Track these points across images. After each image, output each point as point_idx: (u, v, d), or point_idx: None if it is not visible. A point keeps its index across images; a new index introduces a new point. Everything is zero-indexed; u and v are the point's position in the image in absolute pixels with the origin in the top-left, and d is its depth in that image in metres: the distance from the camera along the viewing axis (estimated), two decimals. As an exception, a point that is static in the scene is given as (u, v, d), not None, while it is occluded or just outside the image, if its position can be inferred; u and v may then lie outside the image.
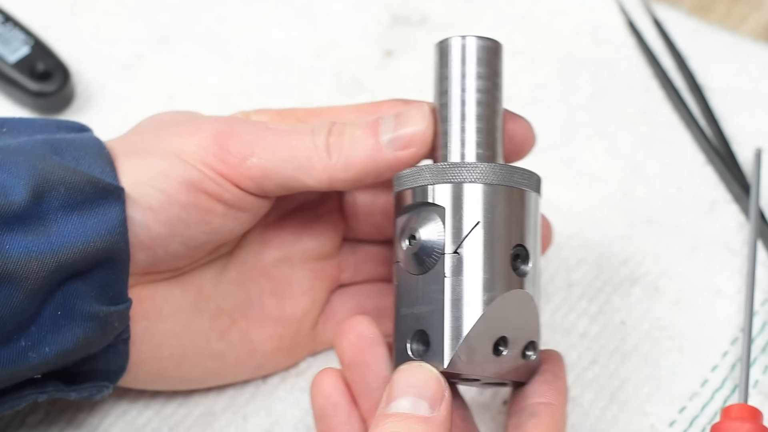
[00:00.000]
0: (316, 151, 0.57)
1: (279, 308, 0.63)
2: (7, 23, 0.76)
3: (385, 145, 0.57)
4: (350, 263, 0.65)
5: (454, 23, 0.80)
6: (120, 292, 0.57)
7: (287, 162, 0.57)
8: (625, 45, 0.79)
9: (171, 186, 0.57)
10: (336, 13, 0.81)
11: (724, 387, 0.65)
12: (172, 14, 0.81)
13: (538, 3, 0.81)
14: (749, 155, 0.73)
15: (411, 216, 0.56)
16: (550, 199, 0.72)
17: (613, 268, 0.69)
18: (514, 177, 0.56)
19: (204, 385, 0.64)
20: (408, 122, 0.57)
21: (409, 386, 0.53)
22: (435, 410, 0.53)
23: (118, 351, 0.58)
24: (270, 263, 0.63)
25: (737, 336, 0.67)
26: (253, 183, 0.57)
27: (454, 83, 0.57)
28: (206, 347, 0.62)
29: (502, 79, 0.58)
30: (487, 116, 0.57)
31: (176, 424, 0.64)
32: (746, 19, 0.81)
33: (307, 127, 0.58)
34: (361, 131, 0.58)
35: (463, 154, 0.57)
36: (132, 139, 0.60)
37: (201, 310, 0.61)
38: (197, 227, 0.58)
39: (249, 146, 0.57)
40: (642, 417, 0.64)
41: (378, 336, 0.59)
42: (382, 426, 0.52)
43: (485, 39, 0.58)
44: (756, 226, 0.69)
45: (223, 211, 0.58)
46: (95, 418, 0.64)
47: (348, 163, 0.57)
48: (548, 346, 0.66)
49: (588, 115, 0.76)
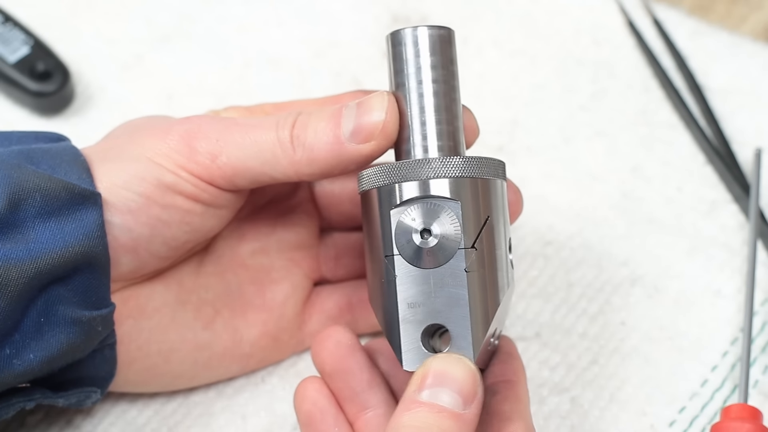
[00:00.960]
0: (280, 146, 0.57)
1: (259, 296, 0.64)
2: (7, 23, 0.76)
3: (346, 139, 0.57)
4: (330, 256, 0.66)
5: (454, 23, 0.80)
6: (102, 296, 0.57)
7: (254, 158, 0.58)
8: (625, 45, 0.79)
9: (147, 189, 0.57)
10: (336, 13, 0.81)
11: (724, 387, 0.65)
12: (172, 14, 0.81)
13: (538, 3, 0.81)
14: (749, 155, 0.73)
15: (415, 210, 0.55)
16: (550, 199, 0.72)
17: (613, 268, 0.69)
18: (499, 170, 0.57)
19: (196, 381, 0.64)
20: (369, 111, 0.57)
21: (446, 378, 0.53)
22: (467, 407, 0.53)
23: (105, 356, 0.59)
24: (246, 255, 0.64)
25: (737, 336, 0.67)
26: (225, 181, 0.58)
27: (411, 76, 0.57)
28: (193, 338, 0.62)
29: (457, 67, 0.58)
30: (446, 106, 0.57)
31: (176, 424, 0.64)
32: (746, 19, 0.81)
33: (272, 120, 0.58)
34: (324, 123, 0.57)
35: (425, 147, 0.57)
36: (106, 145, 0.60)
37: (184, 302, 0.62)
38: (178, 227, 0.59)
39: (217, 145, 0.58)
40: (642, 417, 0.64)
41: (356, 342, 0.60)
42: (414, 412, 0.52)
43: (437, 28, 0.58)
44: (756, 226, 0.69)
45: (201, 210, 0.59)
46: (95, 417, 0.64)
47: (312, 157, 0.57)
48: (548, 346, 0.67)
49: (588, 115, 0.76)
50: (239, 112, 0.62)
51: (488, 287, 0.55)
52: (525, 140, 0.75)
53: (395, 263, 0.55)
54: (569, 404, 0.65)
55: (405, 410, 0.52)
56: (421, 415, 0.52)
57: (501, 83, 0.78)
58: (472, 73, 0.78)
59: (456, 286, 0.55)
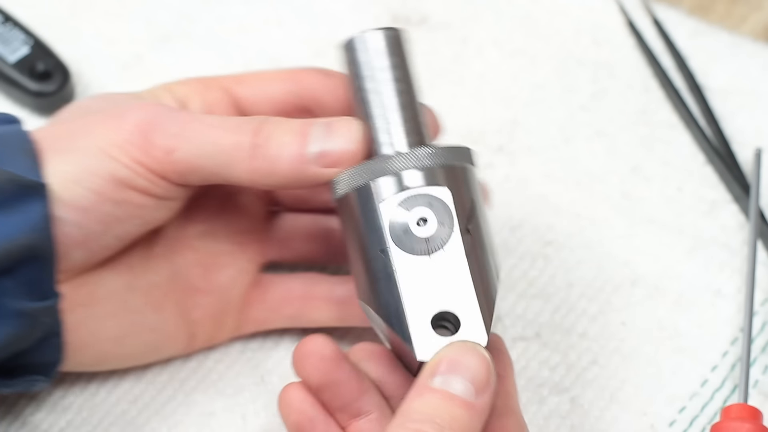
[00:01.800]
0: (239, 151, 0.57)
1: (205, 279, 0.64)
2: (7, 23, 0.76)
3: (311, 159, 0.57)
4: (278, 238, 0.66)
5: (454, 23, 0.80)
6: (47, 287, 0.57)
7: (210, 159, 0.57)
8: (625, 45, 0.79)
9: (100, 185, 0.57)
10: (336, 13, 0.81)
11: (724, 387, 0.65)
12: (172, 14, 0.81)
13: (538, 3, 0.81)
14: (749, 155, 0.73)
15: (407, 200, 0.55)
16: (550, 199, 0.72)
17: (613, 268, 0.69)
18: (472, 157, 0.57)
19: (145, 360, 0.64)
20: (340, 138, 0.57)
21: (460, 366, 0.53)
22: (479, 396, 0.53)
23: (51, 344, 0.58)
24: (194, 237, 0.64)
25: (737, 336, 0.67)
26: (177, 176, 0.58)
27: (369, 79, 0.58)
28: (143, 322, 0.62)
29: (412, 65, 0.59)
30: (408, 103, 0.58)
31: (175, 424, 0.64)
32: (746, 19, 0.81)
33: (234, 122, 0.58)
34: (289, 137, 0.57)
35: (393, 145, 0.57)
36: (58, 130, 0.59)
37: (134, 288, 0.62)
38: (130, 221, 0.58)
39: (173, 140, 0.57)
40: (642, 417, 0.64)
41: (340, 352, 0.58)
42: (426, 398, 0.52)
43: (387, 29, 0.58)
44: (756, 226, 0.69)
45: (154, 203, 0.58)
46: (95, 417, 0.64)
47: (271, 170, 0.57)
48: (548, 346, 0.67)
49: (588, 115, 0.76)
50: (192, 86, 0.62)
51: (485, 270, 0.56)
52: (525, 140, 0.75)
53: (392, 256, 0.55)
54: (569, 404, 0.65)
55: (416, 396, 0.52)
56: (432, 401, 0.52)
57: (501, 83, 0.78)
58: (472, 73, 0.78)
59: (458, 271, 0.55)
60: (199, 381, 0.66)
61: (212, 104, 0.62)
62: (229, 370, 0.66)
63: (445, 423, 0.51)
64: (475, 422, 0.52)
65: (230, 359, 0.66)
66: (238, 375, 0.66)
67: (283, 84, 0.62)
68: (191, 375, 0.66)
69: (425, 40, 0.79)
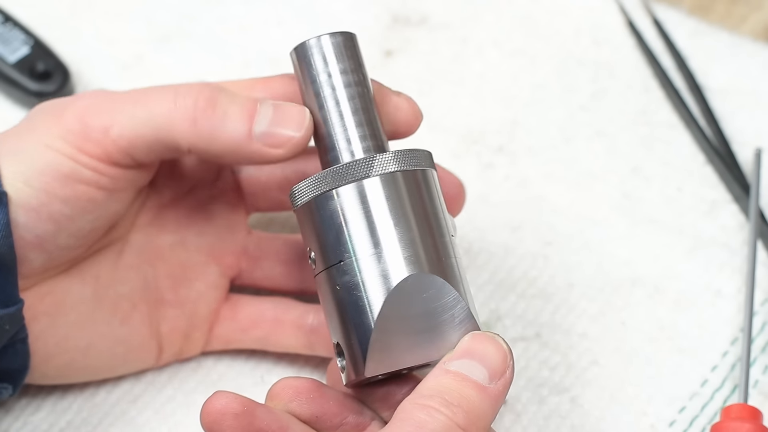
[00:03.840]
0: (177, 113, 0.56)
1: (174, 291, 0.63)
2: (7, 23, 0.76)
3: (256, 136, 0.56)
4: (251, 255, 0.65)
5: (454, 23, 0.80)
6: (9, 294, 0.56)
7: (147, 126, 0.56)
8: (625, 45, 0.79)
9: (47, 183, 0.56)
10: (336, 13, 0.81)
11: (724, 387, 0.65)
12: (172, 14, 0.81)
13: (538, 3, 0.81)
14: (749, 155, 0.73)
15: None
16: (550, 199, 0.72)
17: (614, 269, 0.69)
18: (429, 160, 0.57)
19: (113, 373, 0.64)
20: (286, 123, 0.57)
21: (476, 353, 0.53)
22: (493, 382, 0.53)
23: (17, 350, 0.58)
24: (165, 247, 0.63)
25: (737, 336, 0.67)
26: (122, 155, 0.57)
27: (324, 84, 0.57)
28: (110, 334, 0.62)
29: (365, 67, 0.58)
30: (363, 107, 0.57)
31: (175, 424, 0.64)
32: (746, 19, 0.81)
33: (171, 89, 0.57)
34: (237, 108, 0.57)
35: (352, 152, 0.57)
36: (7, 133, 0.59)
37: (101, 298, 0.61)
38: (81, 217, 0.58)
39: (108, 116, 0.57)
40: (642, 417, 0.64)
41: (249, 402, 0.55)
42: (440, 379, 0.52)
43: (339, 34, 0.58)
44: (756, 226, 0.69)
45: (103, 196, 0.58)
46: (94, 417, 0.64)
47: (214, 135, 0.56)
48: (548, 346, 0.67)
49: (588, 115, 0.76)
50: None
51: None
52: (525, 140, 0.75)
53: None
54: (569, 404, 0.65)
55: (432, 377, 0.52)
56: (445, 380, 0.52)
57: (501, 83, 0.78)
58: (472, 73, 0.78)
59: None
60: (199, 381, 0.66)
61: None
62: (229, 370, 0.66)
63: (453, 400, 0.51)
64: (486, 406, 0.52)
65: (230, 359, 0.66)
66: (238, 375, 0.66)
67: (250, 92, 0.61)
68: (191, 375, 0.66)
69: (425, 40, 0.79)
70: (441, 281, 0.54)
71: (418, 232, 0.55)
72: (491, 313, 0.68)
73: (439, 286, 0.54)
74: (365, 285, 0.54)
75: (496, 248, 0.70)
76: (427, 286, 0.54)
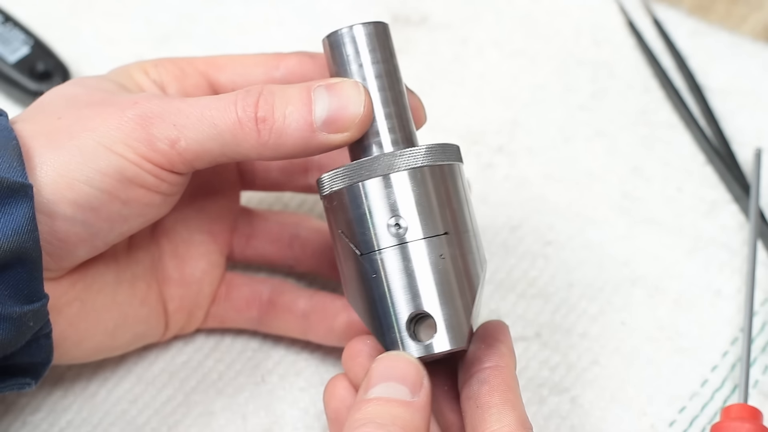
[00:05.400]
0: (241, 128, 0.56)
1: (179, 270, 0.64)
2: (7, 23, 0.76)
3: (319, 127, 0.56)
4: (243, 233, 0.65)
5: (454, 23, 0.80)
6: (34, 290, 0.56)
7: (214, 141, 0.56)
8: (625, 45, 0.79)
9: (110, 185, 0.56)
10: (336, 13, 0.81)
11: (724, 387, 0.65)
12: (172, 14, 0.81)
13: (538, 3, 0.81)
14: (749, 155, 0.73)
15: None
16: (550, 199, 0.72)
17: (614, 269, 0.69)
18: (456, 154, 0.57)
19: (128, 350, 0.64)
20: (345, 101, 0.56)
21: (389, 374, 0.53)
22: (416, 396, 0.53)
23: (41, 345, 0.58)
24: (169, 225, 0.63)
25: (737, 336, 0.67)
26: (185, 166, 0.57)
27: (355, 75, 0.57)
28: (133, 314, 0.62)
29: (396, 58, 0.58)
30: (393, 99, 0.57)
31: (175, 424, 0.64)
32: (746, 19, 0.81)
33: (230, 98, 0.57)
34: (293, 107, 0.56)
35: (380, 143, 0.57)
36: (49, 124, 0.58)
37: (121, 280, 0.62)
38: (135, 219, 0.58)
39: (175, 130, 0.56)
40: (642, 417, 0.64)
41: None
42: (365, 408, 0.52)
43: (373, 24, 0.58)
44: (756, 226, 0.69)
45: (160, 200, 0.58)
46: (95, 417, 0.64)
47: (279, 143, 0.56)
48: (548, 346, 0.67)
49: (588, 115, 0.76)
50: (168, 69, 0.61)
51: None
52: (525, 140, 0.75)
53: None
54: (569, 404, 0.65)
55: (356, 410, 0.53)
56: (370, 408, 0.52)
57: (501, 83, 0.78)
58: (472, 73, 0.78)
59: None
60: (199, 381, 0.66)
61: (190, 92, 0.62)
62: (229, 370, 0.66)
63: (386, 421, 0.52)
64: (417, 418, 0.53)
65: (230, 359, 0.66)
66: (238, 375, 0.66)
67: (266, 68, 0.61)
68: (191, 375, 0.66)
69: (425, 40, 0.79)
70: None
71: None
72: (491, 313, 0.68)
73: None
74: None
75: (496, 248, 0.70)
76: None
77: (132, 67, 0.62)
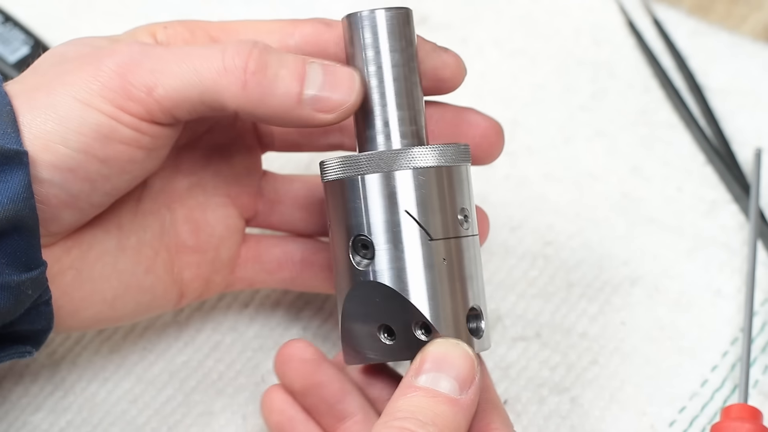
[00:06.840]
0: (227, 75, 0.54)
1: (194, 236, 0.62)
2: (7, 23, 0.76)
3: (306, 101, 0.55)
4: (268, 198, 0.64)
5: (454, 23, 0.80)
6: (32, 257, 0.55)
7: (193, 87, 0.54)
8: (625, 45, 0.79)
9: (86, 143, 0.54)
10: (336, 14, 0.81)
11: (724, 387, 0.65)
12: (172, 14, 0.81)
13: (538, 3, 0.81)
14: (749, 155, 0.73)
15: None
16: (550, 199, 0.72)
17: (613, 269, 0.69)
18: (463, 155, 0.57)
19: (135, 320, 0.63)
20: (337, 87, 0.55)
21: (444, 363, 0.53)
22: (464, 393, 0.53)
23: (40, 312, 0.56)
24: (183, 189, 0.62)
25: (737, 336, 0.67)
26: (164, 114, 0.55)
27: (370, 61, 0.56)
28: (135, 284, 0.61)
29: (415, 47, 0.57)
30: (407, 90, 0.56)
31: (175, 424, 0.64)
32: (746, 19, 0.81)
33: (217, 48, 0.55)
34: (286, 71, 0.55)
35: (388, 134, 0.56)
36: (32, 81, 0.56)
37: (124, 247, 0.60)
38: (118, 177, 0.56)
39: (152, 76, 0.55)
40: (642, 417, 0.64)
41: (320, 355, 0.59)
42: (410, 396, 0.52)
43: (395, 9, 0.56)
44: (756, 226, 0.69)
45: (142, 155, 0.56)
46: (95, 417, 0.64)
47: (263, 100, 0.54)
48: (548, 346, 0.67)
49: (588, 115, 0.76)
50: (177, 31, 0.60)
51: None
52: (525, 140, 0.75)
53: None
54: (569, 404, 0.65)
55: (401, 395, 0.52)
56: (416, 399, 0.52)
57: (501, 83, 0.78)
58: (472, 73, 0.78)
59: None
60: (199, 381, 0.66)
61: None
62: (229, 370, 0.66)
63: (428, 419, 0.51)
64: (459, 418, 0.52)
65: (230, 359, 0.67)
66: (238, 375, 0.66)
67: (280, 35, 0.59)
68: (191, 375, 0.66)
69: (425, 40, 0.79)
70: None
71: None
72: (491, 313, 0.68)
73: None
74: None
75: (496, 248, 0.70)
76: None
77: (140, 29, 0.60)
